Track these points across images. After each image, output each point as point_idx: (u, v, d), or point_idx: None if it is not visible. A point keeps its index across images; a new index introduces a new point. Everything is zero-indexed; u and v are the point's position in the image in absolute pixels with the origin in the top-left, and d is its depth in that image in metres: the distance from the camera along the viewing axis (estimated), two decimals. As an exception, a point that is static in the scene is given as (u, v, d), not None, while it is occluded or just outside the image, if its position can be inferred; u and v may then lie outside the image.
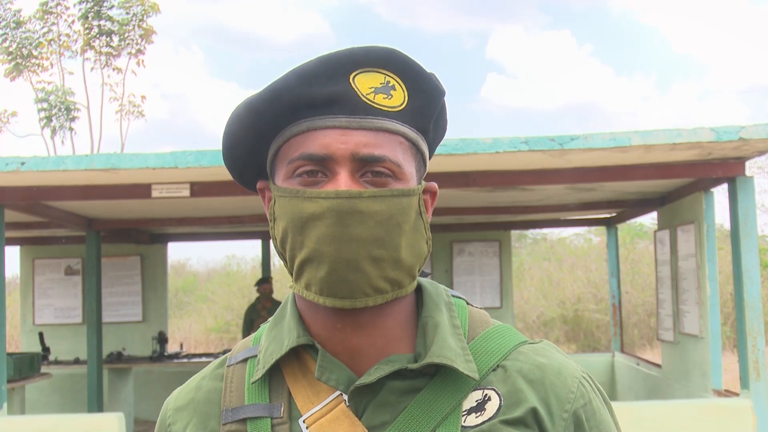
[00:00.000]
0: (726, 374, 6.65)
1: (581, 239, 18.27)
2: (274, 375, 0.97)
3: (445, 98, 0.99)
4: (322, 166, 0.90)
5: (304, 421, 0.92)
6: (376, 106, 0.91)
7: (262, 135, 0.95)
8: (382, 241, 0.88)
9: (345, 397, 0.92)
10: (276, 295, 9.86)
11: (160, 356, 8.93)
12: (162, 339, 9.11)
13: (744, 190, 5.48)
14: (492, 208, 7.87)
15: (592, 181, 5.85)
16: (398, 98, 0.93)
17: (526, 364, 0.95)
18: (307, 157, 0.90)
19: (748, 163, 5.52)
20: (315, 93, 0.90)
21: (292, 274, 0.93)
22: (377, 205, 0.88)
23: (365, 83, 0.91)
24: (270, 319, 1.04)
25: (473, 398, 0.92)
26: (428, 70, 0.96)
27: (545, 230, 16.78)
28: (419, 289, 1.00)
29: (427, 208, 0.98)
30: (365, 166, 0.90)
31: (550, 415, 0.92)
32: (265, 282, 9.10)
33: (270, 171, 0.98)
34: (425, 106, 0.95)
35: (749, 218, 5.44)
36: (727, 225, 11.08)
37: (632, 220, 10.62)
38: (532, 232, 18.35)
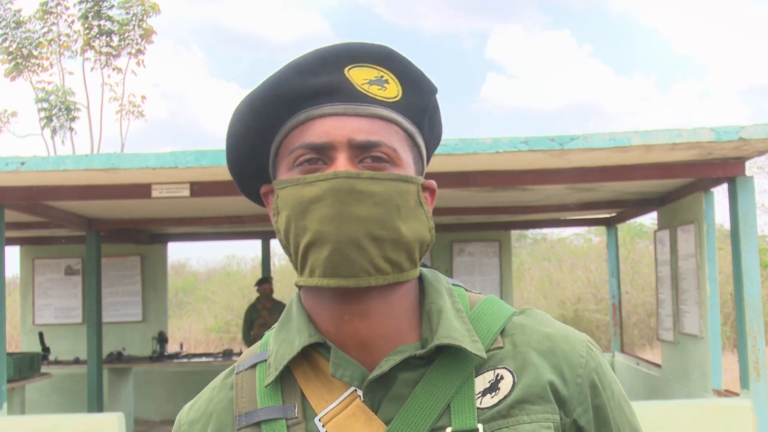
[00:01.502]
0: (726, 374, 6.65)
1: (581, 239, 18.27)
2: (285, 377, 0.97)
3: (438, 98, 1.01)
4: (321, 153, 0.92)
5: (320, 420, 0.92)
6: (371, 95, 0.94)
7: (262, 133, 0.97)
8: (382, 222, 0.89)
9: (359, 392, 0.92)
10: (276, 295, 9.85)
11: (160, 356, 8.93)
12: (162, 339, 9.11)
13: (744, 190, 5.48)
14: (492, 208, 7.86)
15: (592, 181, 5.85)
16: (392, 91, 0.95)
17: (534, 335, 0.96)
18: (306, 146, 0.92)
19: (748, 163, 5.52)
20: (311, 84, 0.93)
21: (297, 266, 0.94)
22: (375, 186, 0.89)
23: (359, 75, 0.94)
24: (275, 324, 1.04)
25: (486, 379, 0.93)
26: (420, 68, 0.98)
27: (545, 230, 16.78)
28: (420, 279, 1.00)
29: (428, 204, 0.99)
30: (363, 152, 0.92)
31: (563, 381, 0.94)
32: (265, 282, 9.09)
33: (272, 171, 0.99)
34: (419, 101, 0.97)
35: (749, 218, 5.44)
36: (727, 225, 11.08)
37: (632, 220, 10.62)
38: (532, 232, 18.35)
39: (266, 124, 0.96)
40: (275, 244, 10.35)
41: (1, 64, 15.37)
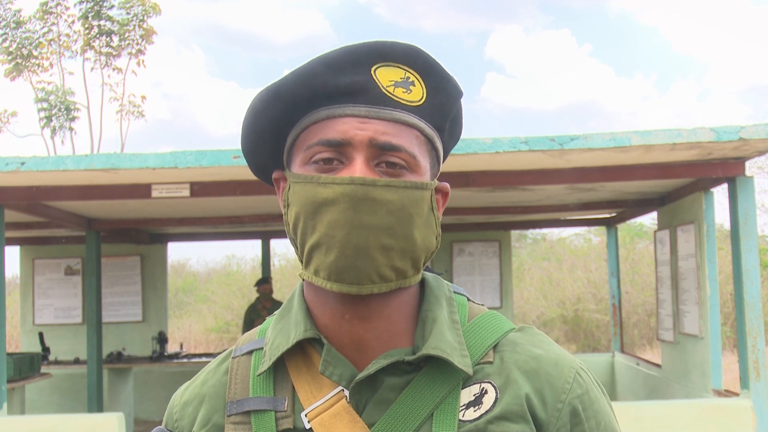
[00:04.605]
0: (726, 374, 6.66)
1: (581, 239, 18.27)
2: (279, 368, 0.97)
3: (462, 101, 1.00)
4: (338, 152, 0.91)
5: (305, 415, 0.93)
6: (395, 98, 0.92)
7: (281, 122, 0.96)
8: (393, 231, 0.89)
9: (347, 393, 0.92)
10: (276, 296, 9.85)
11: (160, 356, 8.93)
12: (162, 339, 9.11)
13: (744, 190, 5.48)
14: (492, 208, 7.86)
15: (592, 181, 5.85)
16: (417, 94, 0.94)
17: (523, 355, 0.95)
18: (324, 142, 0.91)
19: (748, 163, 5.52)
20: (337, 82, 0.92)
21: (302, 261, 0.94)
22: (390, 195, 0.89)
23: (386, 76, 0.93)
24: (276, 311, 1.04)
25: (471, 392, 0.93)
26: (448, 71, 0.97)
27: (545, 230, 16.78)
28: (423, 284, 1.00)
29: (438, 206, 1.00)
30: (381, 155, 0.91)
31: (543, 404, 0.92)
32: (264, 282, 9.09)
33: (287, 160, 0.98)
34: (443, 104, 0.96)
35: (749, 218, 5.44)
36: (727, 225, 11.08)
37: (632, 220, 10.62)
38: (532, 232, 18.35)
39: (286, 115, 0.95)
40: (275, 244, 10.36)
41: (1, 64, 15.37)
